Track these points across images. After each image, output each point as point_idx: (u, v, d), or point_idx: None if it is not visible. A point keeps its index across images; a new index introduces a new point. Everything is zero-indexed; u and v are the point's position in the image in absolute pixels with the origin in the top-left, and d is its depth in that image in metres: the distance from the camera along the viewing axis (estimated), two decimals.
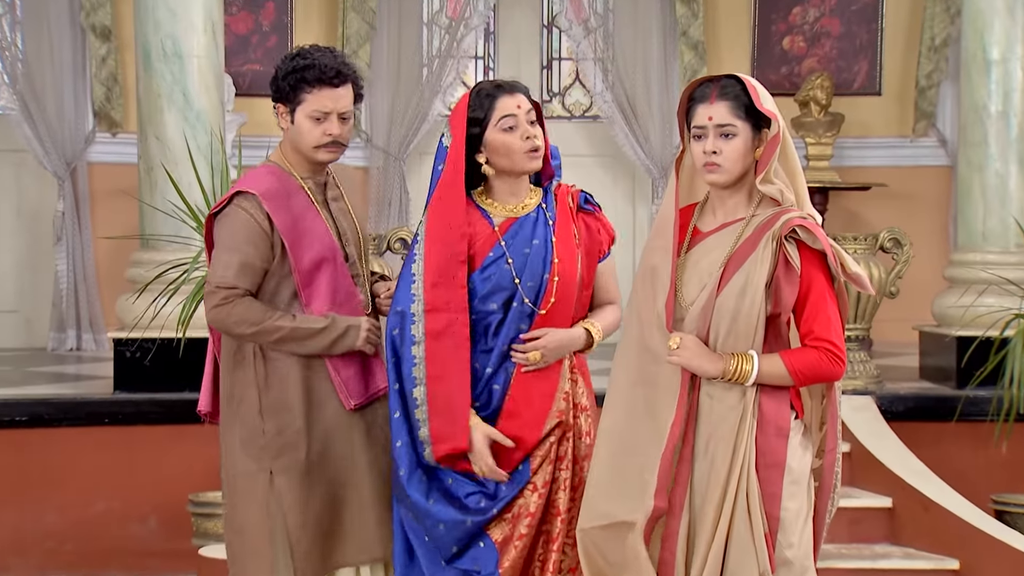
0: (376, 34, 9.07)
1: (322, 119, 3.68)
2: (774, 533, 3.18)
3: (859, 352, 6.83)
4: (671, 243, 3.28)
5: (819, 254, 3.20)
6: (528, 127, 3.58)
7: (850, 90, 9.44)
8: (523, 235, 3.60)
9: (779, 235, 3.18)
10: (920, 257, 8.01)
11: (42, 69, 8.61)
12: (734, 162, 3.23)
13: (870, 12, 9.48)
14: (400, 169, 9.03)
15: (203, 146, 6.38)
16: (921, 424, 6.59)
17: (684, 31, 9.14)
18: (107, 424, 6.36)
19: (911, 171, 9.36)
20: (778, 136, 3.21)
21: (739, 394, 3.20)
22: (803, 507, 3.25)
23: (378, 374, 3.75)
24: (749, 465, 3.18)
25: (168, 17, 6.52)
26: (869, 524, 6.04)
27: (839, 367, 3.21)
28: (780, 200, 3.23)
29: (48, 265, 8.74)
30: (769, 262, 3.18)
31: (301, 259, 3.66)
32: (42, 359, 8.23)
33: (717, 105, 3.23)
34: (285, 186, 3.71)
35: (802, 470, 3.26)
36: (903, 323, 7.93)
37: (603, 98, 9.24)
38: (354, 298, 3.73)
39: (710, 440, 3.21)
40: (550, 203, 3.68)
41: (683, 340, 3.21)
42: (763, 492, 3.18)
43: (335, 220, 3.77)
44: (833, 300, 3.22)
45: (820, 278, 3.21)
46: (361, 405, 3.74)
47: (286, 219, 3.66)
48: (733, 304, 3.19)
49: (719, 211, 3.31)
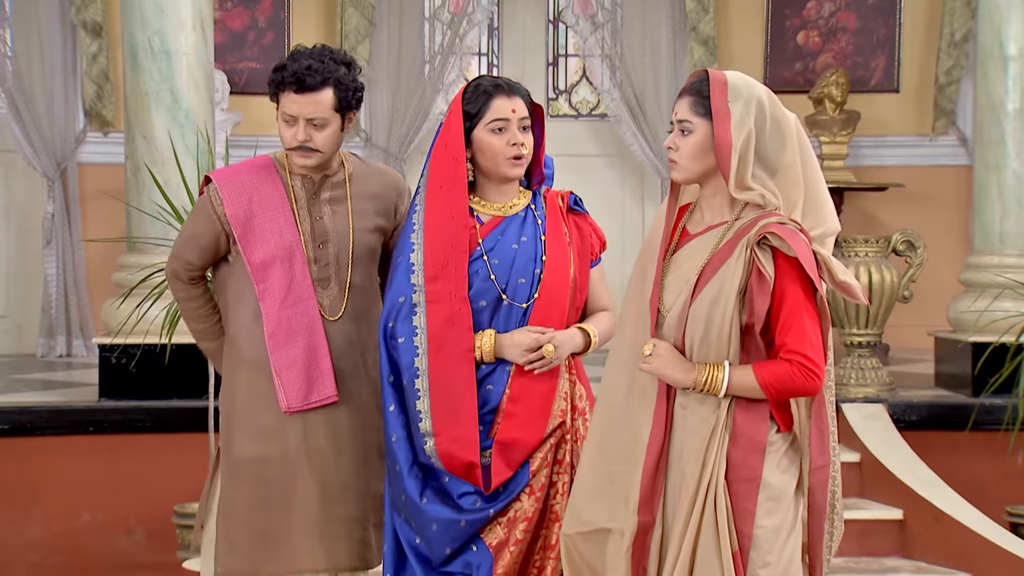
0: (376, 30, 9.06)
1: (291, 123, 3.76)
2: (745, 551, 3.13)
3: (870, 359, 6.81)
4: (659, 243, 3.27)
5: (796, 263, 3.13)
6: (518, 133, 3.59)
7: (867, 87, 9.40)
8: (510, 233, 3.62)
9: (752, 242, 3.14)
10: (940, 260, 8.01)
11: (31, 67, 8.62)
12: (689, 159, 3.21)
13: (888, 6, 9.44)
14: (401, 169, 9.00)
15: (191, 146, 6.38)
16: (934, 433, 6.57)
17: (694, 26, 9.10)
18: (92, 433, 6.38)
19: (930, 171, 9.31)
20: (724, 138, 3.14)
21: (713, 406, 3.17)
22: (784, 525, 3.19)
23: (322, 384, 3.77)
24: (718, 479, 3.13)
25: (156, 13, 6.52)
26: (879, 537, 6.01)
27: (814, 382, 3.13)
28: (764, 205, 3.19)
29: (37, 269, 8.75)
30: (742, 270, 3.14)
31: (251, 253, 3.77)
32: (30, 366, 8.23)
33: (681, 100, 3.24)
34: (260, 178, 3.82)
35: (783, 486, 3.19)
36: (922, 328, 7.89)
37: (610, 96, 9.20)
38: (306, 301, 3.77)
39: (682, 452, 3.19)
40: (539, 204, 3.71)
41: (656, 347, 3.19)
42: (735, 508, 3.14)
43: (314, 220, 3.81)
44: (811, 311, 3.15)
45: (795, 288, 3.14)
46: (299, 411, 3.77)
47: (238, 210, 3.77)
48: (706, 312, 3.16)
49: (706, 212, 3.28)
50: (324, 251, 3.82)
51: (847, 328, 6.78)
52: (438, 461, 3.53)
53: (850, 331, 6.78)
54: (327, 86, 3.73)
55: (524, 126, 3.61)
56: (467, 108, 3.61)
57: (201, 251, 3.85)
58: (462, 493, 3.53)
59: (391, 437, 3.58)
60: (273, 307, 3.76)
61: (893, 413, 6.58)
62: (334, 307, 3.82)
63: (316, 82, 3.71)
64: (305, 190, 3.84)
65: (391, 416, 3.58)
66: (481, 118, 3.59)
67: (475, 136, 3.60)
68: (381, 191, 3.92)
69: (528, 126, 3.63)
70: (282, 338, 3.76)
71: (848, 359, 6.82)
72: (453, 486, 3.54)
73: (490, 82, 3.64)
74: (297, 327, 3.77)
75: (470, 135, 3.61)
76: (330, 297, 3.82)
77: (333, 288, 3.83)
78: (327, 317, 3.81)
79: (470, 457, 3.51)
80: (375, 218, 3.88)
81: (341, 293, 3.83)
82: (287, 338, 3.76)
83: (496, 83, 3.63)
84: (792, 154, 3.20)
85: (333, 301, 3.82)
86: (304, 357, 3.76)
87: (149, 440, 6.33)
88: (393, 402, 3.58)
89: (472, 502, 3.52)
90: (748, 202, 3.21)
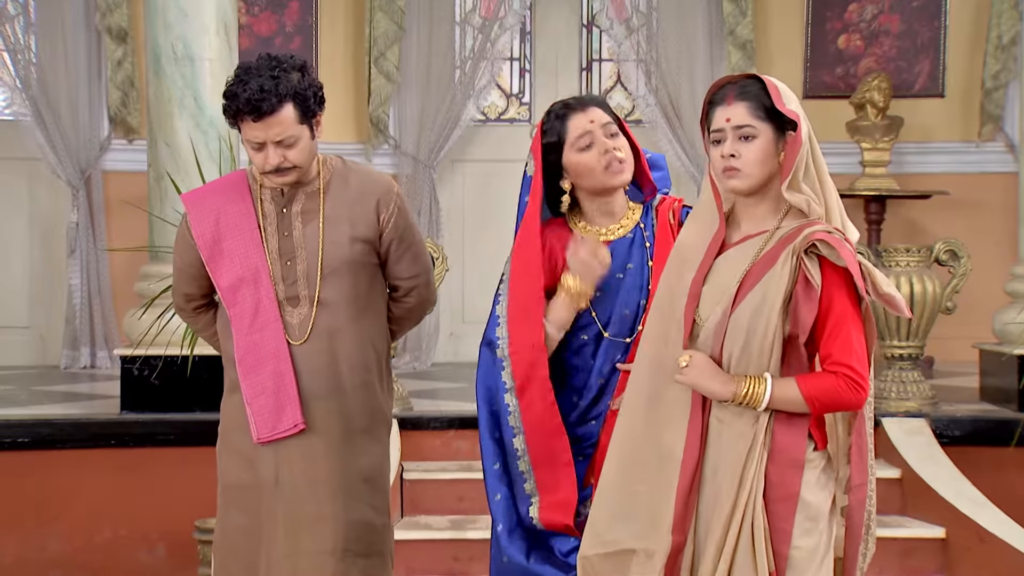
0: (405, 35, 9.06)
1: (259, 148, 3.63)
2: (782, 572, 3.09)
3: (912, 371, 6.75)
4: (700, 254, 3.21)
5: (843, 272, 3.10)
6: (606, 140, 3.52)
7: (910, 92, 9.33)
8: (616, 260, 3.54)
9: (799, 250, 3.10)
10: (987, 270, 7.93)
11: (56, 73, 8.69)
12: (754, 165, 3.15)
13: (932, 8, 9.37)
14: (430, 177, 9.02)
15: (215, 153, 6.39)
16: (978, 449, 6.50)
17: (731, 30, 9.06)
18: (113, 446, 6.39)
19: (976, 178, 9.24)
20: (799, 137, 3.13)
21: (751, 420, 3.12)
22: (820, 546, 3.14)
23: (291, 412, 3.67)
24: (756, 498, 3.09)
25: (179, 18, 6.54)
26: (921, 556, 5.95)
27: (859, 395, 3.09)
28: (807, 212, 3.14)
29: (61, 279, 8.80)
30: (788, 279, 3.09)
31: (219, 276, 3.71)
32: (53, 377, 8.27)
33: (735, 106, 3.17)
34: (230, 196, 3.74)
35: (820, 506, 3.15)
36: (966, 341, 7.82)
37: (646, 101, 9.17)
38: (272, 324, 3.68)
39: (717, 469, 3.14)
40: (649, 222, 3.62)
41: (692, 358, 3.14)
42: (772, 528, 3.09)
43: (282, 237, 3.71)
44: (857, 322, 3.11)
45: (842, 298, 3.11)
46: (268, 441, 3.70)
47: (206, 231, 3.71)
48: (747, 323, 3.11)
49: (744, 222, 3.24)
50: (292, 268, 3.70)
51: (888, 340, 6.72)
52: (540, 524, 3.51)
53: (891, 343, 6.72)
54: (285, 103, 3.57)
55: (610, 132, 3.54)
56: (548, 140, 3.55)
57: (192, 280, 3.80)
58: (568, 551, 3.50)
59: (495, 496, 3.54)
60: (242, 332, 3.68)
61: (936, 428, 6.51)
62: (302, 327, 3.71)
63: (273, 104, 3.55)
64: (275, 204, 3.72)
65: (494, 474, 3.54)
66: (565, 141, 3.54)
67: (567, 163, 3.55)
68: (359, 197, 3.75)
69: (615, 132, 3.55)
70: (250, 364, 3.67)
71: (889, 372, 6.75)
72: (558, 544, 3.52)
73: (560, 105, 3.60)
74: (265, 353, 3.67)
75: (561, 167, 3.55)
76: (300, 316, 3.71)
77: (303, 307, 3.71)
78: (292, 341, 3.69)
79: (566, 521, 3.48)
80: (352, 228, 3.73)
81: (310, 311, 3.70)
82: (255, 364, 3.67)
83: (566, 103, 3.59)
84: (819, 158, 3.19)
85: (302, 320, 3.71)
86: (272, 383, 3.67)
87: (171, 454, 6.33)
88: (497, 460, 3.54)
89: None
90: (789, 211, 3.18)
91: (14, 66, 8.68)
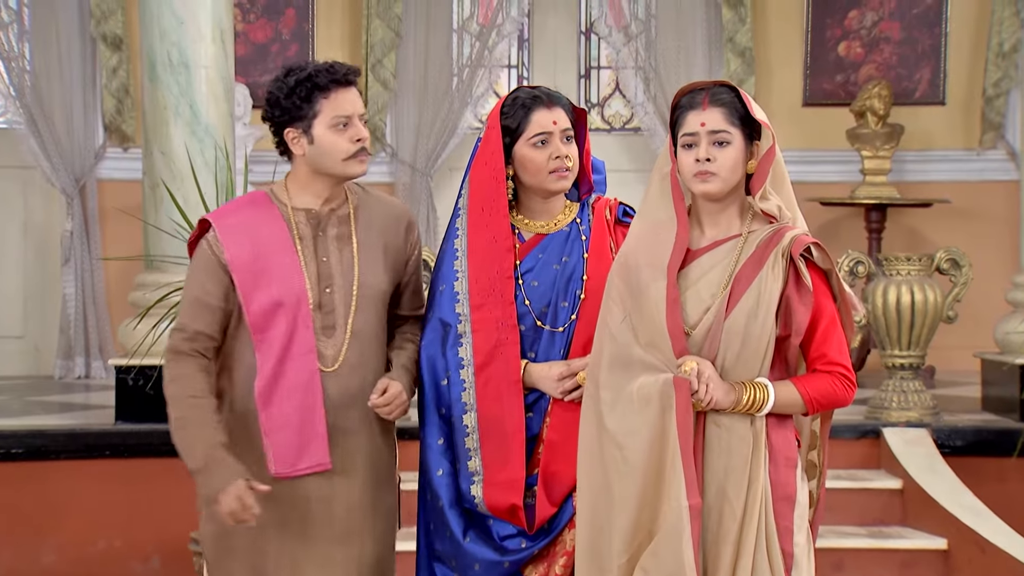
0: (402, 42, 9.07)
1: (347, 124, 3.50)
2: (789, 570, 3.15)
3: (913, 381, 6.75)
4: (665, 260, 3.22)
5: (823, 274, 3.21)
6: (560, 145, 3.54)
7: (911, 99, 9.34)
8: (552, 251, 3.57)
9: (788, 253, 3.16)
10: (987, 279, 7.93)
11: (50, 81, 8.68)
12: (730, 171, 3.21)
13: (933, 16, 9.39)
14: (427, 185, 9.03)
15: (210, 161, 6.40)
16: (980, 459, 6.52)
17: (730, 37, 9.08)
18: (107, 457, 6.39)
19: (977, 186, 9.25)
20: (774, 148, 3.20)
21: (748, 423, 3.17)
22: (808, 538, 3.25)
23: (313, 449, 3.48)
24: (767, 499, 3.15)
25: (174, 25, 6.54)
26: (921, 567, 5.96)
27: (851, 392, 3.23)
28: (778, 216, 3.22)
29: (56, 288, 8.80)
30: (780, 281, 3.16)
31: (252, 300, 3.46)
32: (47, 388, 8.27)
33: (710, 111, 3.21)
34: (260, 216, 3.54)
35: (804, 500, 3.26)
36: (968, 350, 7.83)
37: (644, 109, 9.20)
38: (307, 355, 3.48)
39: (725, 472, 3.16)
40: (586, 217, 3.65)
41: (699, 367, 3.13)
42: (777, 527, 3.15)
43: (319, 261, 3.55)
44: (839, 322, 3.23)
45: (828, 300, 3.22)
46: (287, 478, 3.48)
47: (241, 253, 3.48)
48: (743, 327, 3.15)
49: (708, 227, 3.27)
50: (330, 296, 3.53)
51: (889, 350, 6.73)
52: (483, 507, 3.51)
53: (892, 353, 6.73)
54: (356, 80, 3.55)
55: (567, 137, 3.56)
56: (506, 123, 3.56)
57: (210, 313, 3.49)
58: (506, 535, 3.51)
59: (435, 471, 3.55)
60: (270, 360, 3.45)
61: (937, 438, 6.53)
62: (334, 358, 3.53)
63: (353, 74, 3.52)
64: (310, 226, 3.55)
65: (437, 450, 3.56)
66: (522, 133, 3.55)
67: (516, 152, 3.56)
68: (388, 225, 3.64)
69: (571, 136, 3.57)
70: (276, 394, 3.45)
71: (890, 382, 6.76)
72: (497, 527, 3.52)
73: (528, 94, 3.59)
74: (294, 384, 3.47)
75: (510, 151, 3.56)
76: (334, 347, 3.53)
77: (337, 336, 3.54)
78: (325, 369, 3.51)
79: (513, 500, 3.48)
80: (384, 255, 3.61)
81: (343, 342, 3.53)
82: (284, 394, 3.45)
83: (535, 95, 3.59)
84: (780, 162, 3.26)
85: (335, 351, 3.53)
86: (298, 417, 3.46)
87: (165, 464, 6.26)
88: (441, 435, 3.55)
89: (516, 544, 3.51)
90: (754, 215, 3.24)
91: (8, 73, 8.67)
